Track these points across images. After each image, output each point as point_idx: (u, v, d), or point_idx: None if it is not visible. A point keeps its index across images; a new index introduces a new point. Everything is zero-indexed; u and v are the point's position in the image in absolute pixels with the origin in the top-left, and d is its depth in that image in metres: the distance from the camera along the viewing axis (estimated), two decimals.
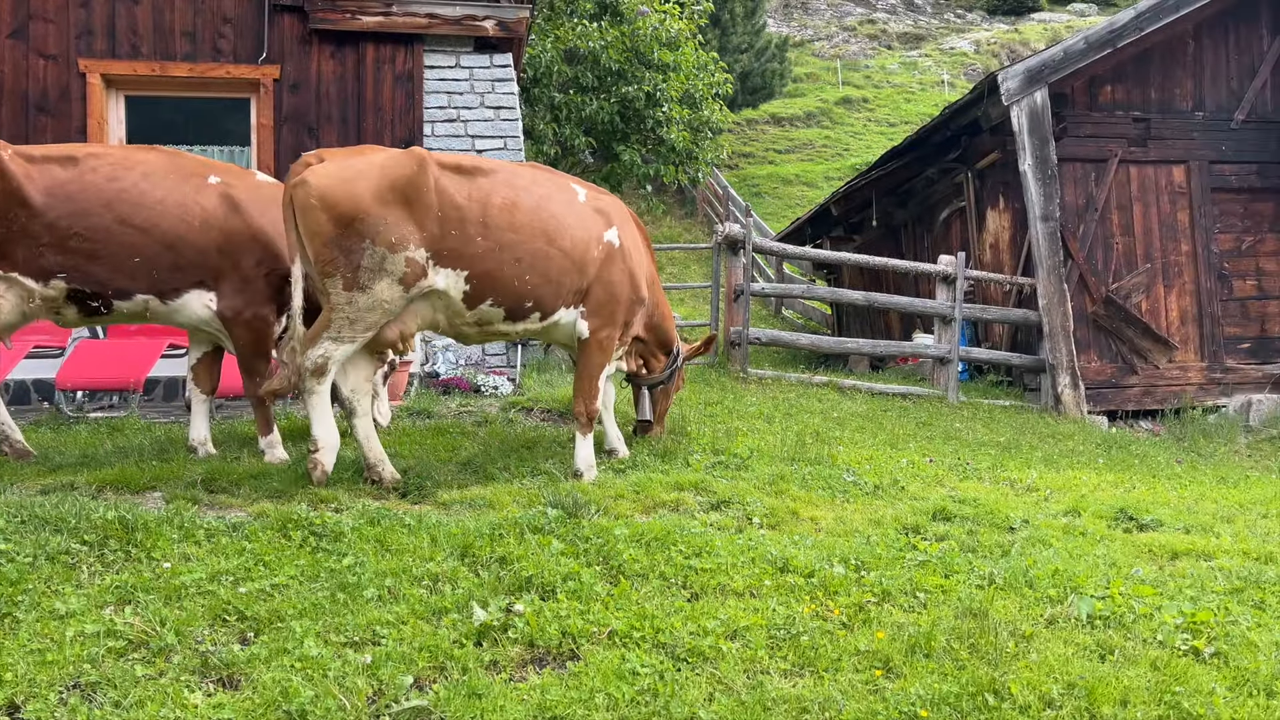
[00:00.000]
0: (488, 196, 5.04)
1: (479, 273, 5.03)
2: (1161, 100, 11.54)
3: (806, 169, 29.62)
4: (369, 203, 4.71)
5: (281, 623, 3.07)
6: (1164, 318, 11.33)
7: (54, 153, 5.25)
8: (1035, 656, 3.16)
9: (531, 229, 5.15)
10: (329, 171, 4.73)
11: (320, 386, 4.79)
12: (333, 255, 4.70)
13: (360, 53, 9.02)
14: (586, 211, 5.52)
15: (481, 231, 4.99)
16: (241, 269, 5.37)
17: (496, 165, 5.28)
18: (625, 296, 5.66)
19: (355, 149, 5.03)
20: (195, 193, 5.33)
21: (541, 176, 5.45)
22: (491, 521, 4.10)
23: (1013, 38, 42.04)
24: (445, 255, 4.93)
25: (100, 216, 5.11)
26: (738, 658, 3.08)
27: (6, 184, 4.99)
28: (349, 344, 4.80)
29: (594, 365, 5.59)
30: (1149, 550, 4.67)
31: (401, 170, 4.82)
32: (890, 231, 15.49)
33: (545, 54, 14.95)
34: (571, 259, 5.33)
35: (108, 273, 5.16)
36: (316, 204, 4.65)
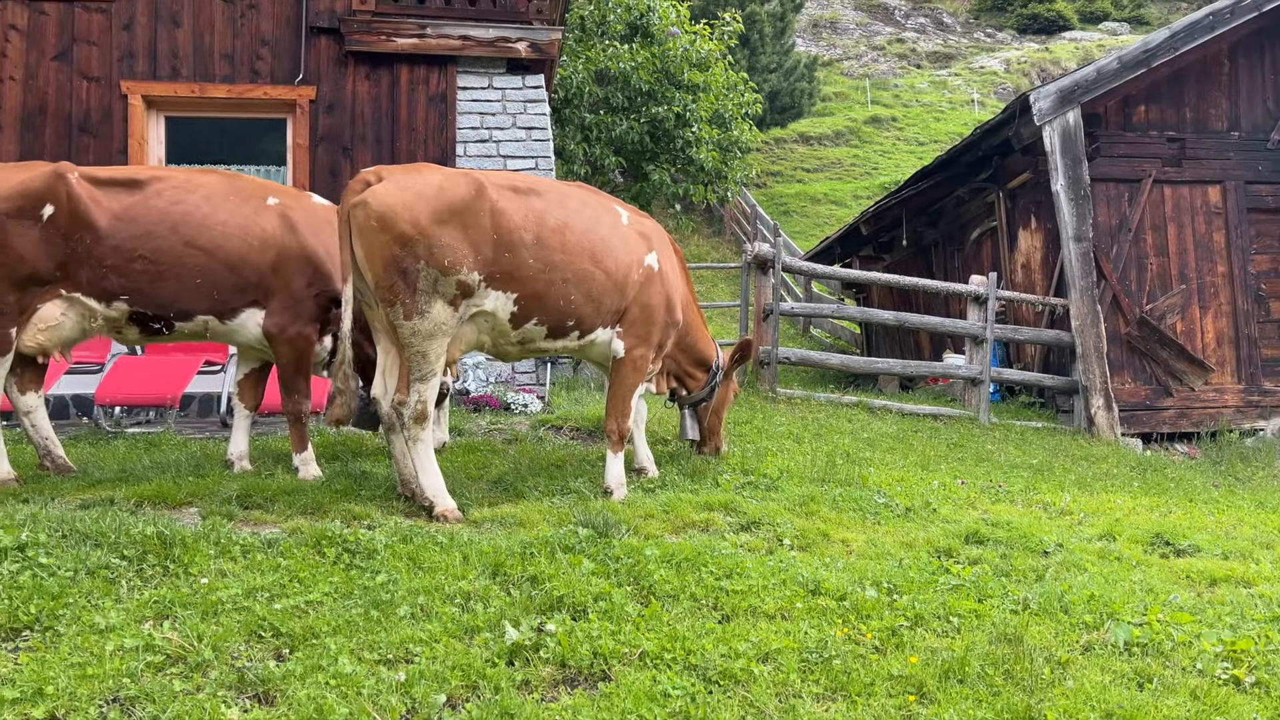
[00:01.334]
0: (541, 218, 5.08)
1: (528, 294, 5.06)
2: (1196, 120, 11.44)
3: (835, 188, 29.59)
4: (427, 224, 4.70)
5: (316, 639, 3.09)
6: (1199, 339, 11.20)
7: (119, 175, 5.34)
8: (1072, 684, 3.12)
9: (580, 250, 5.20)
10: (389, 191, 4.72)
11: (424, 433, 4.81)
12: (392, 279, 4.68)
13: (395, 74, 9.14)
14: (630, 234, 5.59)
15: (535, 253, 5.02)
16: (292, 288, 5.45)
17: (548, 185, 5.33)
18: (661, 319, 5.71)
19: (412, 167, 5.04)
20: (255, 214, 5.42)
21: (589, 198, 5.52)
22: (523, 540, 4.11)
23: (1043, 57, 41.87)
24: (497, 278, 4.95)
25: (165, 239, 5.20)
26: (769, 680, 3.06)
27: (74, 207, 5.09)
28: (432, 376, 4.82)
29: (628, 384, 5.63)
30: (1187, 576, 4.61)
31: (460, 193, 4.83)
32: (920, 251, 15.43)
33: (576, 75, 15.09)
34: (614, 280, 5.39)
35: (171, 295, 5.25)
36: (377, 224, 4.66)
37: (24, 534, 3.67)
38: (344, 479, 5.36)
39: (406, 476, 4.96)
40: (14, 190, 5.05)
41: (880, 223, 15.20)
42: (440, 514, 4.72)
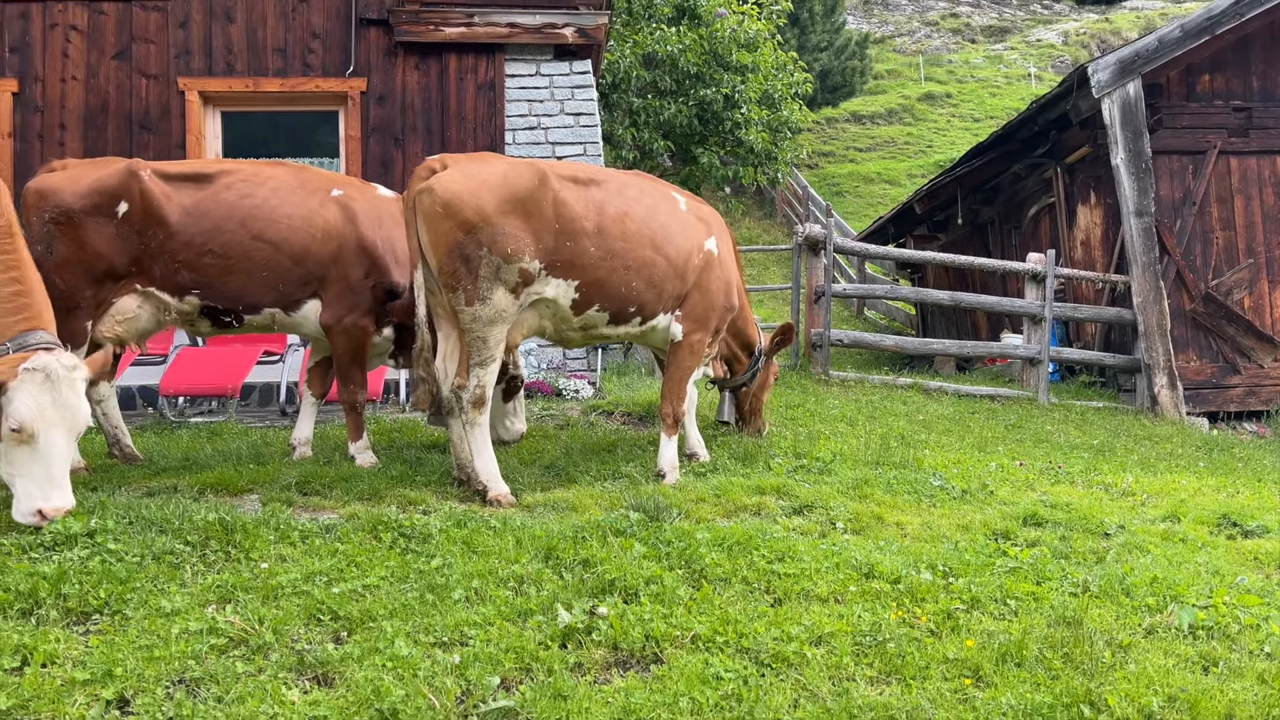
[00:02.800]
0: (602, 207, 5.13)
1: (589, 281, 5.10)
2: (1264, 88, 11.06)
3: (888, 167, 29.18)
4: (491, 212, 4.75)
5: (373, 623, 3.15)
6: (1269, 315, 10.86)
7: (189, 170, 5.44)
8: (1133, 667, 3.06)
9: (641, 238, 5.24)
10: (454, 179, 4.78)
11: (482, 418, 4.87)
12: (455, 266, 4.74)
13: (443, 63, 9.20)
14: (689, 220, 5.63)
15: (596, 242, 5.07)
16: (350, 279, 5.51)
17: (607, 174, 5.38)
18: (720, 304, 5.76)
19: (476, 156, 5.10)
20: (319, 206, 5.48)
21: (646, 185, 5.56)
22: (574, 524, 4.13)
23: (1103, 27, 40.76)
24: (558, 266, 5.00)
25: (234, 233, 5.28)
26: (822, 664, 3.05)
27: (147, 203, 5.17)
28: (492, 362, 4.88)
29: (685, 368, 5.67)
30: (1255, 558, 4.49)
31: (524, 182, 4.89)
32: (976, 229, 15.16)
33: (624, 59, 15.04)
34: (674, 266, 5.43)
35: (240, 288, 5.34)
36: (441, 211, 4.71)
37: (93, 520, 3.78)
38: (400, 465, 5.43)
39: (463, 461, 5.01)
40: (89, 188, 5.15)
41: (934, 201, 14.97)
42: (494, 498, 4.77)
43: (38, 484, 3.78)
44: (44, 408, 3.82)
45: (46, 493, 3.78)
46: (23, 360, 3.86)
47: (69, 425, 3.91)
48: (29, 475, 3.78)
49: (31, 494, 3.76)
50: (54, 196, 5.10)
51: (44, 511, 3.73)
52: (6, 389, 3.79)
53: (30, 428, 3.77)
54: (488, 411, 4.91)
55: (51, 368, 3.87)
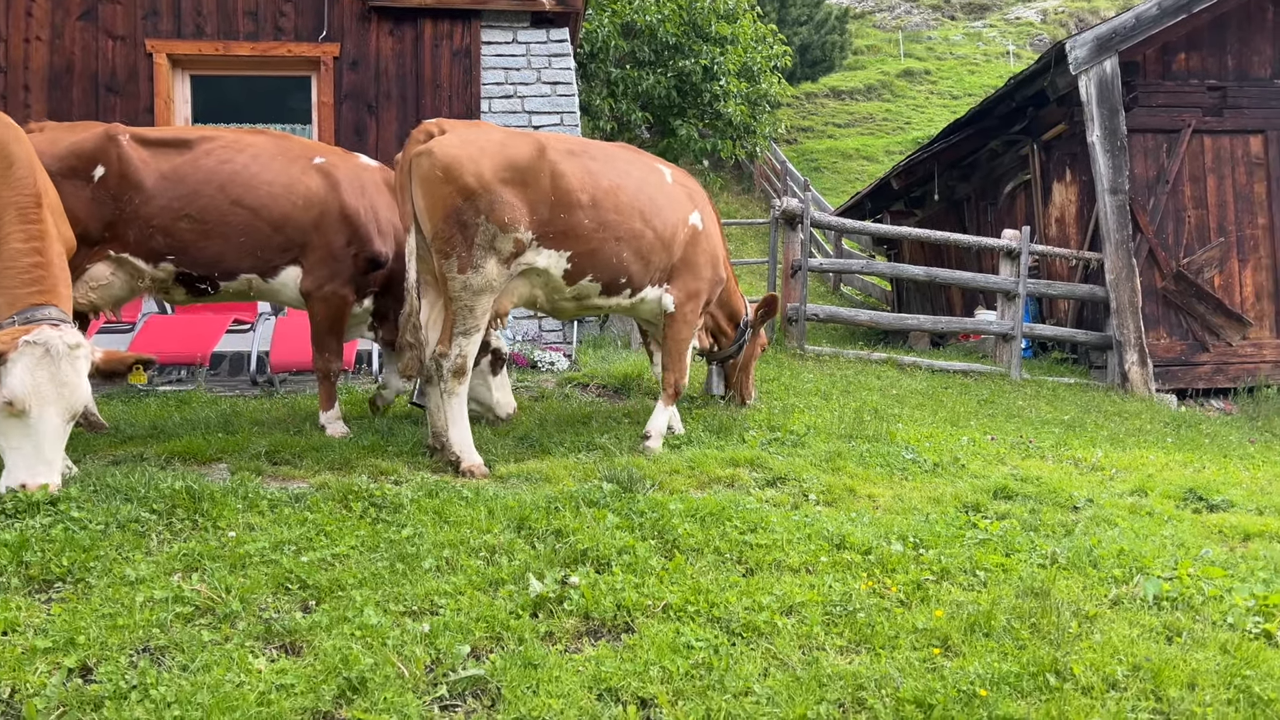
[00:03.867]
0: (596, 179, 5.15)
1: (582, 252, 5.13)
2: (1239, 67, 11.11)
3: (866, 143, 29.16)
4: (491, 178, 4.76)
5: (342, 591, 3.12)
6: (1238, 293, 10.97)
7: (168, 135, 5.37)
8: (1099, 637, 3.09)
9: (632, 210, 5.28)
10: (453, 143, 4.76)
11: (461, 388, 4.87)
12: (451, 232, 4.73)
13: (418, 29, 9.06)
14: (676, 192, 5.67)
15: (589, 214, 5.10)
16: (331, 247, 5.48)
17: (597, 147, 5.41)
18: (708, 275, 5.83)
19: (473, 123, 5.10)
20: (300, 174, 5.45)
21: (634, 157, 5.60)
22: (547, 495, 4.12)
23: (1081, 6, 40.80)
24: (551, 236, 5.02)
25: (212, 198, 5.23)
26: (793, 633, 3.06)
27: (124, 168, 5.11)
28: (476, 332, 4.87)
29: (682, 338, 5.78)
30: (1219, 531, 4.55)
31: (523, 152, 4.90)
32: (952, 206, 15.19)
33: (602, 29, 14.90)
34: (662, 239, 5.48)
35: (216, 254, 5.29)
36: (441, 175, 4.69)
37: None
38: (371, 435, 5.39)
39: (438, 429, 4.97)
40: (66, 151, 5.07)
41: (912, 177, 14.97)
42: (467, 469, 4.74)
43: (25, 459, 3.74)
44: (40, 383, 3.77)
45: (33, 469, 3.74)
46: (24, 333, 3.81)
47: (65, 404, 3.85)
48: (18, 450, 3.75)
49: (17, 468, 3.73)
50: None
51: (26, 486, 3.69)
52: (5, 360, 3.74)
53: (23, 402, 3.72)
54: (467, 382, 4.90)
55: (53, 343, 3.81)
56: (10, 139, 4.19)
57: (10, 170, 4.11)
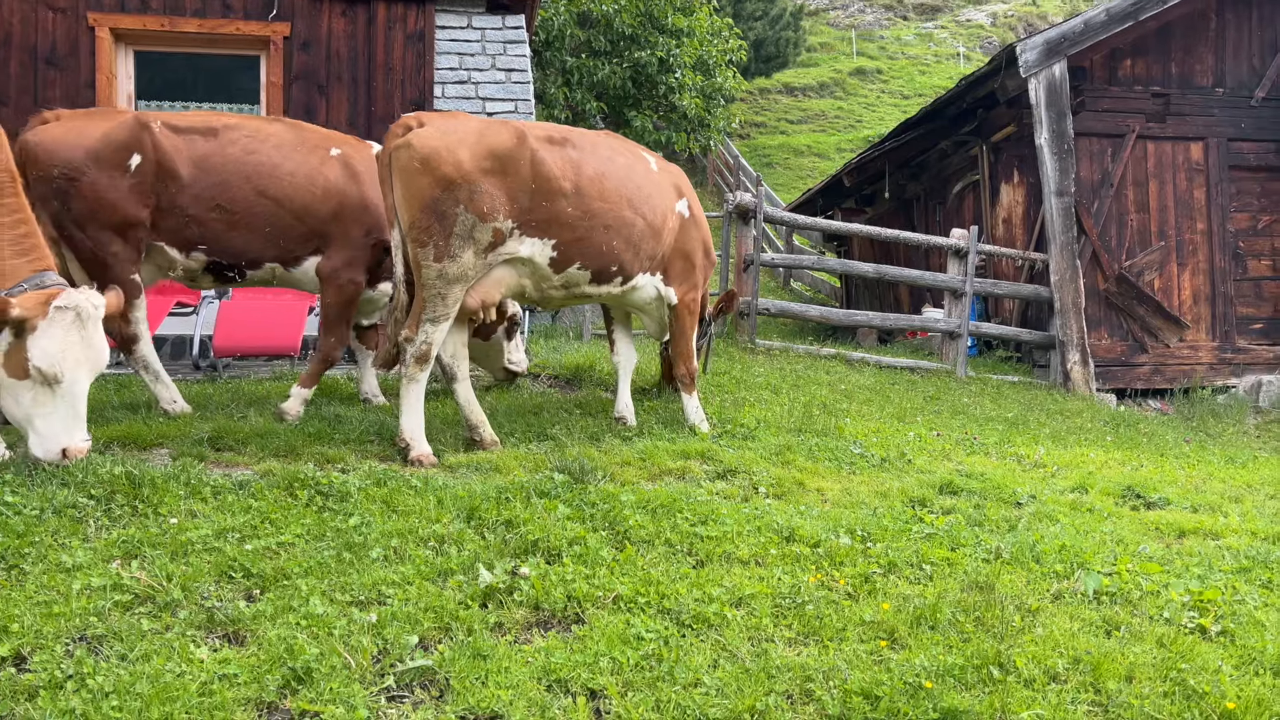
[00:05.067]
0: (579, 166, 5.18)
1: (568, 240, 5.15)
2: (1182, 75, 11.38)
3: (818, 140, 29.37)
4: (470, 169, 4.78)
5: (287, 580, 3.07)
6: (1177, 296, 11.25)
7: (197, 123, 5.40)
8: (1041, 631, 3.15)
9: (619, 197, 5.32)
10: (432, 135, 4.78)
11: (422, 374, 4.86)
12: (429, 222, 4.74)
13: (371, 11, 8.91)
14: (662, 180, 5.74)
15: (574, 201, 5.12)
16: (350, 236, 5.57)
17: (579, 134, 5.42)
18: (701, 262, 5.97)
19: (451, 114, 5.11)
20: (320, 164, 5.55)
21: (618, 145, 5.62)
22: (498, 485, 4.09)
23: (1030, 11, 41.50)
24: (534, 225, 5.04)
25: (241, 189, 5.33)
26: (742, 625, 3.07)
27: (160, 156, 5.17)
28: (445, 320, 4.88)
29: (686, 327, 5.94)
30: (1156, 528, 4.66)
31: (502, 141, 4.92)
32: (902, 204, 15.37)
33: (558, 17, 14.81)
34: (652, 226, 5.54)
35: (244, 243, 5.40)
36: (420, 166, 4.71)
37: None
38: (318, 422, 5.31)
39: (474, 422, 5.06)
40: (100, 141, 5.09)
41: (863, 175, 15.13)
42: (415, 458, 4.70)
43: (62, 422, 3.78)
44: (72, 346, 3.80)
45: (71, 431, 3.79)
46: (52, 297, 3.81)
47: (92, 365, 3.90)
48: (51, 414, 3.77)
49: (56, 432, 3.76)
50: (62, 152, 5.03)
51: (68, 450, 3.76)
52: (35, 326, 3.74)
53: (56, 367, 3.74)
54: (428, 370, 4.90)
55: (83, 306, 3.85)
56: None
57: None
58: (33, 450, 3.78)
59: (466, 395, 5.11)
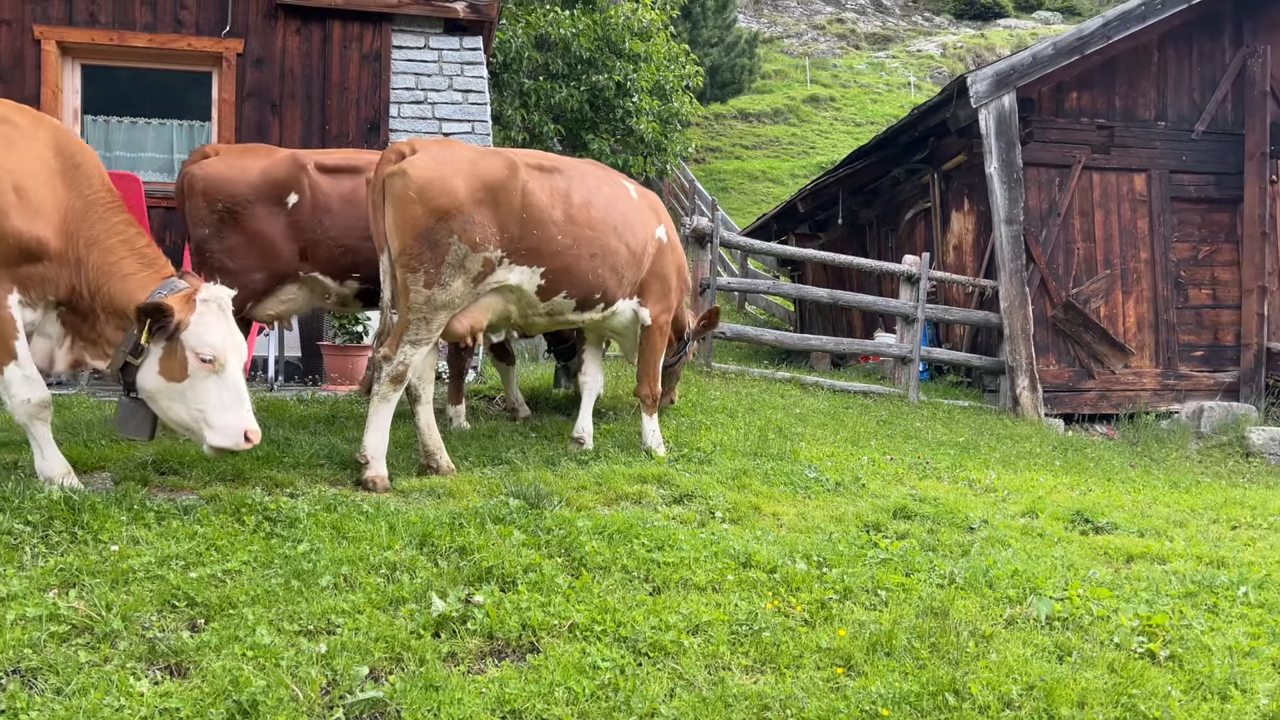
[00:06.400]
0: (567, 195, 5.24)
1: (555, 268, 5.21)
2: (1126, 108, 11.68)
3: (773, 165, 29.68)
4: (464, 199, 4.79)
5: (233, 609, 2.99)
6: (1121, 323, 11.49)
7: (343, 163, 5.77)
8: (995, 657, 3.16)
9: (605, 225, 5.40)
10: (427, 164, 4.78)
11: (394, 395, 4.86)
12: (421, 250, 4.74)
13: (327, 30, 8.84)
14: (642, 208, 5.84)
15: (562, 229, 5.18)
16: None
17: (566, 163, 5.50)
18: (675, 285, 6.07)
19: (443, 142, 5.17)
20: None
21: (601, 174, 5.71)
22: (452, 511, 4.04)
23: (979, 42, 42.43)
24: (523, 254, 5.08)
25: None
26: (699, 653, 3.05)
27: (315, 196, 5.55)
28: (425, 344, 4.88)
29: (656, 349, 6.01)
30: (1105, 553, 4.72)
31: (495, 172, 4.95)
32: (855, 230, 15.56)
33: (516, 39, 14.82)
34: (634, 253, 5.63)
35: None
36: (414, 195, 4.70)
37: None
38: (266, 445, 5.18)
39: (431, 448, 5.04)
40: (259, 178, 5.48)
41: (817, 201, 15.29)
42: (370, 479, 4.66)
43: (233, 409, 3.86)
44: (227, 334, 3.90)
45: (243, 416, 3.87)
46: (192, 293, 3.88)
47: (239, 353, 3.98)
48: (221, 404, 3.85)
49: (232, 420, 3.85)
50: (227, 186, 5.44)
51: (249, 432, 3.87)
52: (187, 324, 3.81)
53: (223, 355, 3.84)
54: (400, 391, 4.88)
55: (223, 298, 3.95)
56: (70, 140, 4.09)
57: (80, 170, 4.02)
58: (213, 443, 3.85)
59: (428, 419, 5.04)
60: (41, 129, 3.99)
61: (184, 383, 3.84)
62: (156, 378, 3.86)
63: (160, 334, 3.80)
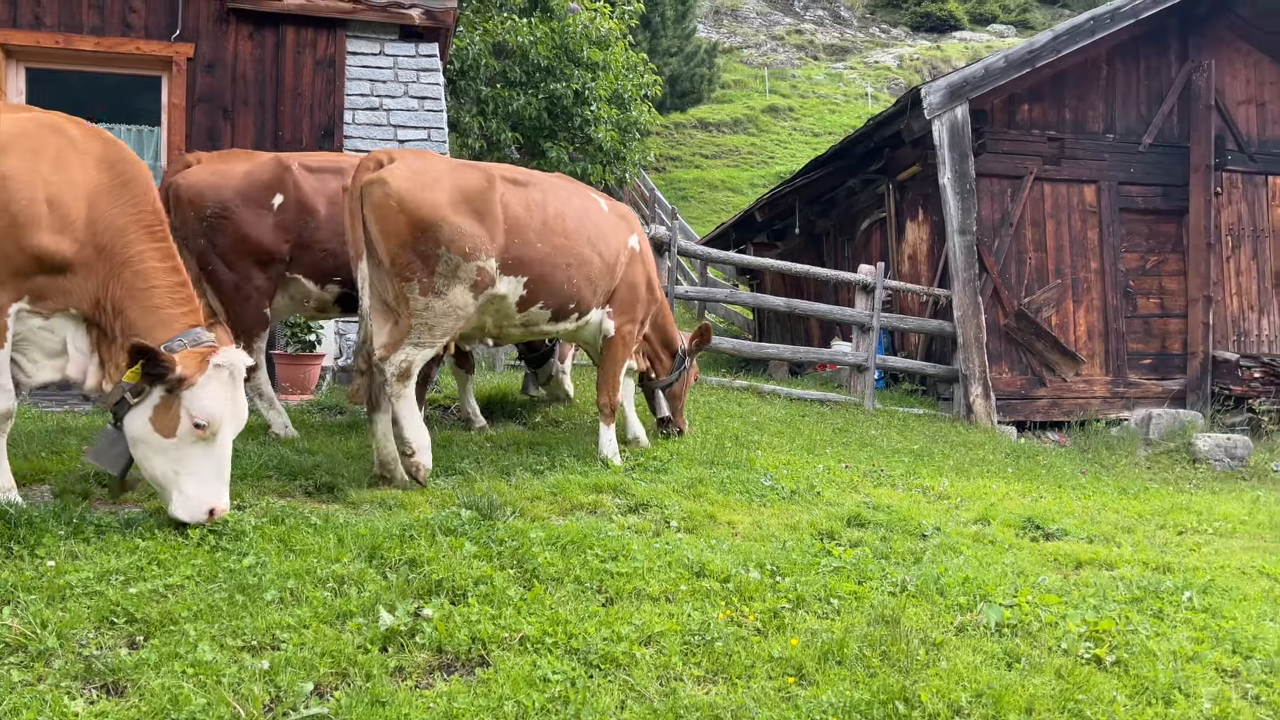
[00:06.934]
0: (543, 207, 5.32)
1: (535, 277, 5.29)
2: (1076, 121, 11.89)
3: (732, 175, 29.83)
4: (446, 210, 4.83)
5: (174, 626, 2.92)
6: (1072, 332, 11.68)
7: (328, 164, 5.85)
8: (945, 664, 3.18)
9: (580, 235, 5.49)
10: (405, 174, 4.81)
11: (406, 390, 4.87)
12: (409, 259, 4.78)
13: (280, 35, 8.74)
14: (614, 219, 5.95)
15: (540, 239, 5.25)
16: None
17: (536, 176, 5.58)
18: (644, 297, 6.15)
19: (418, 153, 5.18)
20: None
21: (571, 187, 5.82)
22: (402, 522, 3.98)
23: (935, 54, 43.03)
24: (510, 264, 5.14)
25: None
26: (651, 664, 3.03)
27: (300, 195, 5.59)
28: (429, 348, 4.92)
29: (619, 359, 6.06)
30: (1055, 559, 4.78)
31: (473, 183, 5.02)
32: (812, 239, 15.67)
33: (473, 46, 14.76)
34: (607, 263, 5.71)
35: None
36: (396, 206, 4.73)
37: None
38: None
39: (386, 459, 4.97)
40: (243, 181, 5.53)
41: (774, 210, 15.38)
42: (414, 464, 4.83)
43: (208, 482, 3.71)
44: (227, 404, 3.76)
45: (217, 491, 3.73)
46: (209, 354, 3.76)
47: (237, 424, 3.88)
48: (198, 473, 3.70)
49: (202, 493, 3.69)
50: (213, 192, 5.51)
51: (215, 510, 3.70)
52: (193, 382, 3.68)
53: (217, 425, 3.72)
54: (413, 383, 4.91)
55: (237, 365, 3.83)
56: (122, 157, 3.99)
57: (127, 187, 3.92)
58: (175, 512, 3.67)
59: (385, 429, 4.99)
60: (94, 142, 3.93)
61: (171, 440, 3.68)
62: (146, 424, 3.70)
63: (158, 383, 3.67)
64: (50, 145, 3.79)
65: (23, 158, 3.68)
